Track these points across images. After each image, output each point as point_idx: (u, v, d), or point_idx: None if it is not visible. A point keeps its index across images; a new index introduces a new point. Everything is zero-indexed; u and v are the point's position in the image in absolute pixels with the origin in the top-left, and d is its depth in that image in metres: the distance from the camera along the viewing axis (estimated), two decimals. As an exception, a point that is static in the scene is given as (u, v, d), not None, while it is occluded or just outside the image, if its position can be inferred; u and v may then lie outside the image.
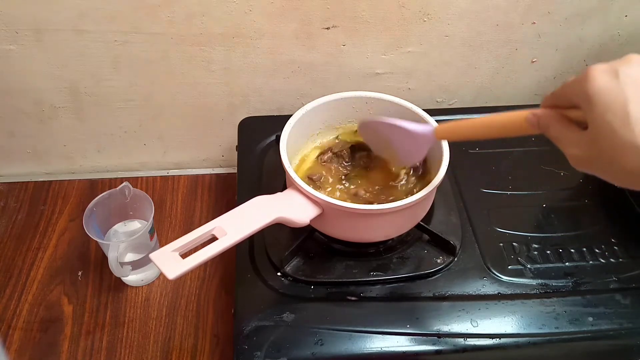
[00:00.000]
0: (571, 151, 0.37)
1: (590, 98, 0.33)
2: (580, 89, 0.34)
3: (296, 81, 0.78)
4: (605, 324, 0.56)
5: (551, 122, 0.38)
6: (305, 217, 0.54)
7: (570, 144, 0.37)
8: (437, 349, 0.53)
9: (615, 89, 0.32)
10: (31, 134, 0.80)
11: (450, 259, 0.60)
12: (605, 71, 0.33)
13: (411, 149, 0.55)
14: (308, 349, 0.52)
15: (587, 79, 0.34)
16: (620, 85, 0.32)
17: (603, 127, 0.33)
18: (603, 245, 0.63)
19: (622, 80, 0.32)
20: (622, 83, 0.32)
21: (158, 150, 0.85)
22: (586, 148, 0.35)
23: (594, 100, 0.33)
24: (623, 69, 0.33)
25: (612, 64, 0.33)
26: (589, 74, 0.34)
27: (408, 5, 0.70)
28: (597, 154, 0.34)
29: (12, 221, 0.77)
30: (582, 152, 0.35)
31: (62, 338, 0.65)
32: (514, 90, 0.84)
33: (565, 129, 0.37)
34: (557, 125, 0.38)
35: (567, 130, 0.37)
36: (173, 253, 0.46)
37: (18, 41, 0.68)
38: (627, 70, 0.33)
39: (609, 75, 0.33)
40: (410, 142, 0.54)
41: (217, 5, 0.67)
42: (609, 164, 0.33)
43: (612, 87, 0.32)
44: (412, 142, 0.54)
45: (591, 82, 0.33)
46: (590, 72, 0.34)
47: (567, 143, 0.37)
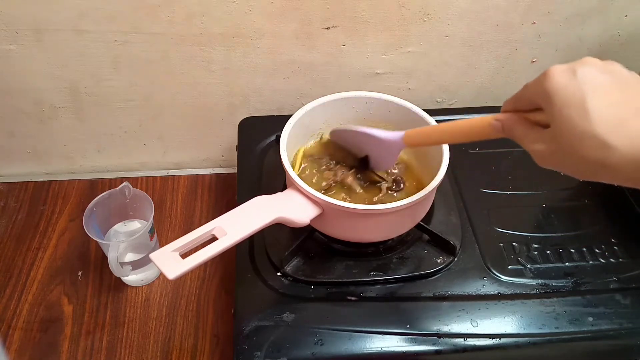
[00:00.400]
0: (534, 147, 0.38)
1: (550, 95, 0.35)
2: (540, 88, 0.36)
3: (296, 81, 0.78)
4: (605, 324, 0.56)
5: (515, 125, 0.40)
6: (305, 217, 0.54)
7: (533, 141, 0.38)
8: (437, 349, 0.53)
9: (573, 86, 0.34)
10: (31, 134, 0.80)
11: (450, 259, 0.60)
12: (564, 70, 0.35)
13: (382, 155, 0.59)
14: (308, 349, 0.52)
15: (546, 78, 0.36)
16: (578, 83, 0.34)
17: (563, 121, 0.34)
18: (603, 245, 0.63)
19: (580, 78, 0.34)
20: (579, 81, 0.34)
21: (158, 150, 0.85)
22: (548, 143, 0.37)
23: (553, 97, 0.35)
24: (580, 68, 0.35)
25: (570, 65, 0.35)
26: (549, 74, 0.36)
27: (408, 5, 0.70)
28: (559, 148, 0.36)
29: (12, 221, 0.77)
30: (545, 147, 0.37)
31: (62, 338, 0.65)
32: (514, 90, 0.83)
33: (528, 128, 0.39)
34: (520, 126, 0.40)
35: (530, 130, 0.39)
36: (173, 253, 0.46)
37: (18, 41, 0.68)
38: (584, 70, 0.35)
39: (567, 74, 0.35)
40: (381, 149, 0.57)
41: (217, 5, 0.67)
42: (570, 155, 0.35)
43: (570, 84, 0.34)
44: (382, 148, 0.57)
45: (550, 81, 0.35)
46: (550, 72, 0.36)
47: (530, 140, 0.39)
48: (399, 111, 0.64)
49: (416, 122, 0.62)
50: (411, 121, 0.63)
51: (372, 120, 0.67)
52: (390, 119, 0.66)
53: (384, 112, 0.65)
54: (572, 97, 0.34)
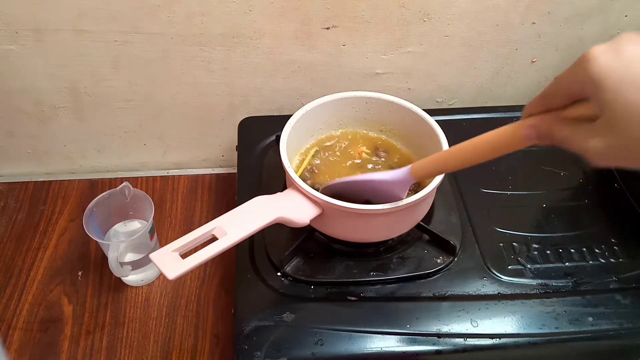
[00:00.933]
0: (589, 145, 0.33)
1: (598, 79, 0.31)
2: (582, 74, 0.32)
3: (296, 81, 0.78)
4: (605, 324, 0.56)
5: (553, 127, 0.36)
6: (305, 217, 0.54)
7: (585, 139, 0.33)
8: (437, 349, 0.53)
9: (622, 65, 0.30)
10: (31, 134, 0.80)
11: (450, 259, 0.60)
12: (606, 51, 0.31)
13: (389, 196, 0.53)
14: (308, 349, 0.52)
15: (588, 61, 0.31)
16: (625, 61, 0.30)
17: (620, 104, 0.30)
18: (603, 245, 0.63)
19: (627, 56, 0.30)
20: (627, 59, 0.30)
21: (158, 150, 0.85)
22: (606, 135, 0.32)
23: (603, 81, 0.31)
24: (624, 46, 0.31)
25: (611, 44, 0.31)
26: (590, 57, 0.31)
27: (408, 5, 0.70)
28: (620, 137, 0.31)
29: (12, 221, 0.77)
30: (603, 141, 0.32)
31: (62, 338, 0.65)
32: (514, 90, 0.84)
33: (572, 126, 0.34)
34: (562, 126, 0.35)
35: (576, 127, 0.34)
36: (173, 253, 0.46)
37: (18, 41, 0.68)
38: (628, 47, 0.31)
39: (612, 54, 0.31)
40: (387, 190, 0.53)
41: (217, 5, 0.67)
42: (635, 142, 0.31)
43: (618, 64, 0.30)
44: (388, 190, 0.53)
45: (595, 63, 0.31)
46: (591, 55, 0.31)
47: (580, 139, 0.33)
48: (399, 111, 0.64)
49: (416, 122, 0.62)
50: (411, 121, 0.63)
51: (372, 120, 0.67)
52: (390, 119, 0.66)
53: (384, 112, 0.65)
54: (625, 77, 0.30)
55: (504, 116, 0.77)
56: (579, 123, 0.34)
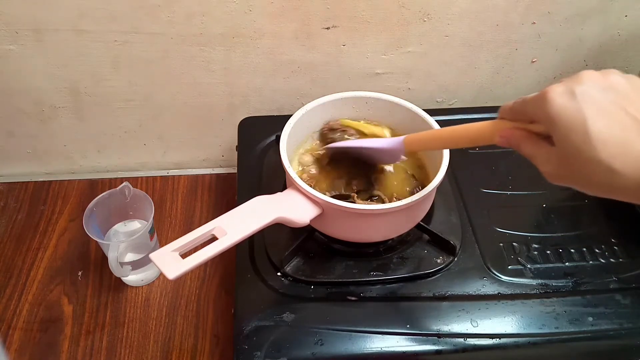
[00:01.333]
0: (544, 168, 0.38)
1: (552, 119, 0.35)
2: (541, 110, 0.36)
3: (296, 81, 0.78)
4: (605, 323, 0.56)
5: (521, 142, 0.40)
6: (305, 217, 0.54)
7: (542, 162, 0.38)
8: (437, 348, 0.53)
9: (573, 109, 0.33)
10: (31, 134, 0.80)
11: (450, 259, 0.60)
12: (563, 92, 0.34)
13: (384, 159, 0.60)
14: (308, 349, 0.53)
15: (544, 101, 0.35)
16: (578, 105, 0.33)
17: (568, 145, 0.34)
18: (603, 245, 0.63)
19: (579, 100, 0.33)
20: (579, 103, 0.33)
21: (158, 150, 0.85)
22: (557, 165, 0.36)
23: (555, 122, 0.34)
24: (579, 88, 0.34)
25: (568, 84, 0.35)
26: (548, 97, 0.35)
27: (408, 5, 0.70)
28: (568, 170, 0.35)
29: (12, 221, 0.77)
30: (554, 168, 0.37)
31: (62, 338, 0.65)
32: (514, 90, 0.84)
33: (536, 147, 0.38)
34: (527, 144, 0.39)
35: (538, 148, 0.38)
36: (173, 253, 0.46)
37: (18, 41, 0.68)
38: (582, 90, 0.34)
39: (566, 96, 0.34)
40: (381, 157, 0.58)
41: (217, 5, 0.67)
42: (579, 179, 0.35)
43: (569, 107, 0.34)
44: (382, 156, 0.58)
45: (550, 104, 0.34)
46: (549, 95, 0.35)
47: (539, 161, 0.38)
48: (399, 111, 0.64)
49: (416, 122, 0.62)
50: (411, 121, 0.63)
51: (372, 120, 0.67)
52: (390, 119, 0.66)
53: (384, 112, 0.65)
54: (574, 122, 0.33)
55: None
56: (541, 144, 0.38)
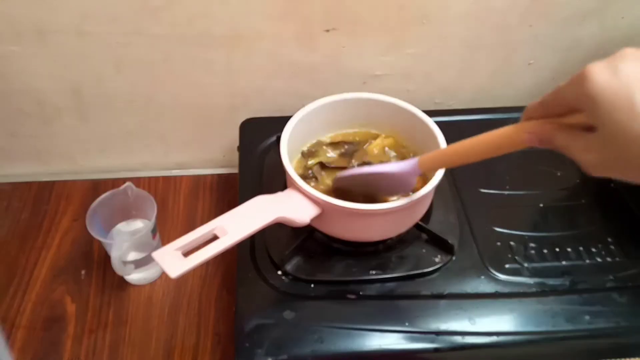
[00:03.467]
0: (585, 157, 0.34)
1: (593, 98, 0.32)
2: (579, 90, 0.33)
3: (297, 82, 0.78)
4: (602, 322, 0.56)
5: (554, 135, 0.37)
6: (305, 216, 0.54)
7: (581, 151, 0.35)
8: (435, 346, 0.54)
9: (618, 85, 0.31)
10: (34, 135, 0.81)
11: (449, 258, 0.61)
12: (604, 69, 0.32)
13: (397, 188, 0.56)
14: (308, 347, 0.53)
15: (585, 79, 0.32)
16: (622, 81, 0.31)
17: (613, 125, 0.31)
18: (600, 245, 0.63)
19: (624, 75, 0.31)
20: (624, 79, 0.31)
21: (160, 151, 0.86)
22: (600, 151, 0.33)
23: (598, 100, 0.31)
24: (622, 65, 0.32)
25: (609, 61, 0.32)
26: (588, 74, 0.32)
27: (407, 8, 0.71)
28: (613, 155, 0.33)
29: (15, 221, 0.78)
30: (596, 156, 0.34)
31: (65, 336, 0.65)
32: (513, 92, 0.85)
33: (571, 136, 0.35)
34: (561, 135, 0.36)
35: (574, 137, 0.35)
36: (175, 252, 0.47)
37: (21, 42, 0.68)
38: (625, 66, 0.31)
39: (609, 72, 0.32)
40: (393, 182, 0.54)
41: (218, 7, 0.67)
42: (625, 162, 0.32)
43: (614, 84, 0.31)
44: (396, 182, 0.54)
45: (591, 82, 0.32)
46: (589, 72, 0.32)
47: (577, 150, 0.35)
48: (398, 112, 0.64)
49: (415, 123, 0.63)
50: (410, 123, 0.63)
51: (371, 121, 0.67)
52: (389, 120, 0.66)
53: (384, 113, 0.66)
54: (619, 98, 0.31)
55: (503, 117, 0.77)
56: (577, 133, 0.35)
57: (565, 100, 0.35)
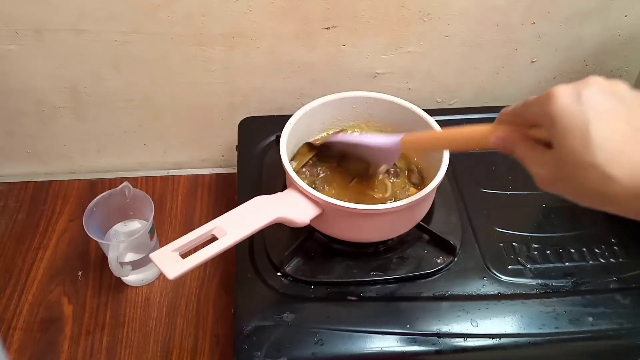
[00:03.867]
0: (536, 171, 0.37)
1: (552, 119, 0.34)
2: (542, 109, 0.35)
3: (296, 81, 0.78)
4: (605, 324, 0.56)
5: (516, 144, 0.39)
6: (305, 217, 0.54)
7: (535, 164, 0.37)
8: (437, 349, 0.53)
9: (577, 111, 0.33)
10: (31, 134, 0.80)
11: (450, 259, 0.60)
12: (569, 94, 0.34)
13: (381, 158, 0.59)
14: (308, 349, 0.53)
15: (550, 100, 0.34)
16: (582, 107, 0.33)
17: (565, 148, 0.33)
18: (603, 246, 0.63)
19: (584, 102, 0.33)
20: (584, 106, 0.33)
21: (158, 150, 0.85)
22: (551, 168, 0.35)
23: (556, 121, 0.33)
24: (585, 91, 0.33)
25: (575, 87, 0.34)
26: (553, 95, 0.34)
27: (408, 6, 0.70)
28: (561, 174, 0.34)
29: (12, 221, 0.77)
30: (547, 172, 0.36)
31: (62, 338, 0.65)
32: (514, 90, 0.84)
33: (530, 149, 0.38)
34: (522, 146, 0.38)
35: (533, 151, 0.37)
36: (173, 253, 0.46)
37: (18, 41, 0.68)
38: (589, 94, 0.33)
39: (572, 97, 0.33)
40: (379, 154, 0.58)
41: (217, 5, 0.67)
42: (572, 183, 0.34)
43: (574, 109, 0.33)
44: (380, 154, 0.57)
45: (554, 103, 0.34)
46: (554, 94, 0.34)
47: (532, 163, 0.37)
48: (398, 111, 0.64)
49: (416, 122, 0.62)
50: (411, 121, 0.63)
51: (372, 120, 0.67)
52: (390, 119, 0.66)
53: (384, 112, 0.65)
54: (575, 124, 0.33)
55: (504, 116, 0.77)
56: (537, 147, 0.37)
57: (531, 114, 0.37)
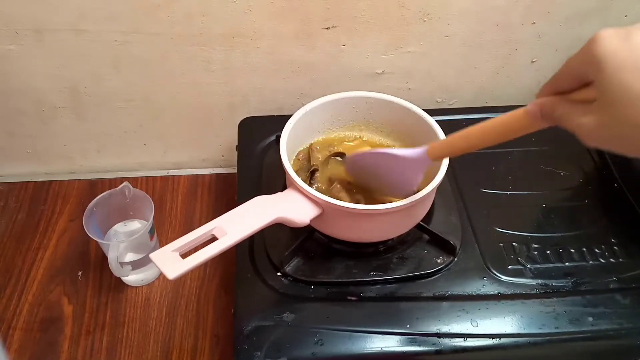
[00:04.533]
0: (581, 120, 0.34)
1: (600, 61, 0.32)
2: (588, 54, 0.33)
3: (296, 81, 0.78)
4: (605, 324, 0.56)
5: (555, 106, 0.37)
6: (305, 217, 0.54)
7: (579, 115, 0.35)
8: (437, 349, 0.53)
9: (627, 49, 0.31)
10: (31, 134, 0.80)
11: (450, 259, 0.60)
12: (615, 33, 0.32)
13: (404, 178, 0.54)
14: (308, 349, 0.53)
15: (595, 42, 0.32)
16: (631, 45, 0.31)
17: (615, 85, 0.31)
18: (603, 245, 0.63)
19: (634, 42, 0.31)
20: (634, 44, 0.31)
21: (158, 150, 0.85)
22: (597, 114, 0.33)
23: (606, 61, 0.31)
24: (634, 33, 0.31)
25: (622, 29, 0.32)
26: (598, 37, 0.32)
27: (408, 5, 0.70)
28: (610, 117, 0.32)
29: (12, 221, 0.77)
30: (593, 119, 0.33)
31: (62, 338, 0.65)
32: (514, 90, 0.84)
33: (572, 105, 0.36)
34: (563, 104, 0.36)
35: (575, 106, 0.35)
36: (173, 253, 0.46)
37: (18, 41, 0.68)
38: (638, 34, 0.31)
39: (620, 37, 0.32)
40: (402, 170, 0.53)
41: (217, 5, 0.67)
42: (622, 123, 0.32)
43: (624, 47, 0.31)
44: (404, 169, 0.53)
45: (600, 44, 0.32)
46: (599, 35, 0.32)
47: (575, 115, 0.35)
48: (398, 111, 0.64)
49: (416, 122, 0.62)
50: (411, 121, 0.63)
51: (372, 120, 0.67)
52: (390, 119, 0.66)
53: (384, 112, 0.65)
54: (627, 60, 0.31)
55: (504, 116, 0.77)
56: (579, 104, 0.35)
57: (573, 70, 0.35)
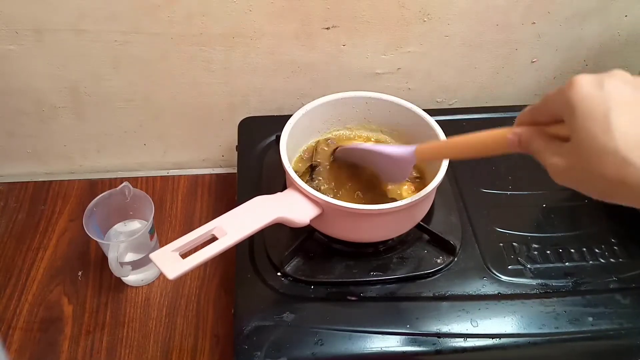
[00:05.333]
0: (552, 160, 0.36)
1: (573, 106, 0.33)
2: (563, 97, 0.34)
3: (296, 81, 0.78)
4: (605, 324, 0.56)
5: (533, 138, 0.39)
6: (305, 217, 0.54)
7: (551, 154, 0.37)
8: (437, 349, 0.53)
9: (599, 98, 0.33)
10: (31, 134, 0.80)
11: (450, 259, 0.60)
12: (590, 81, 0.33)
13: (392, 171, 0.57)
14: (308, 349, 0.53)
15: (571, 87, 0.34)
16: (604, 95, 0.32)
17: (584, 133, 0.33)
18: (603, 245, 0.63)
19: (606, 90, 0.33)
20: (606, 93, 0.32)
21: (158, 150, 0.85)
22: (567, 157, 0.35)
23: (577, 108, 0.33)
24: (608, 80, 0.33)
25: (598, 76, 0.34)
26: (574, 83, 0.34)
27: (408, 6, 0.70)
28: (577, 162, 0.34)
29: (12, 221, 0.77)
30: (563, 161, 0.35)
31: (62, 338, 0.65)
32: (514, 90, 0.84)
33: (547, 141, 0.38)
34: (539, 140, 0.38)
35: (549, 143, 0.37)
36: (173, 253, 0.46)
37: (18, 41, 0.68)
38: (612, 83, 0.33)
39: (594, 85, 0.33)
40: (391, 165, 0.56)
41: (217, 5, 0.67)
42: (588, 171, 0.33)
43: (595, 96, 0.33)
44: (392, 165, 0.56)
45: (575, 90, 0.33)
46: (575, 81, 0.34)
47: (548, 154, 0.37)
48: (398, 111, 0.64)
49: (416, 122, 0.62)
50: (411, 121, 0.63)
51: (372, 120, 0.67)
52: (390, 119, 0.66)
53: (384, 112, 0.65)
54: (596, 110, 0.32)
55: (504, 116, 0.77)
56: (553, 140, 0.37)
57: (550, 107, 0.37)
